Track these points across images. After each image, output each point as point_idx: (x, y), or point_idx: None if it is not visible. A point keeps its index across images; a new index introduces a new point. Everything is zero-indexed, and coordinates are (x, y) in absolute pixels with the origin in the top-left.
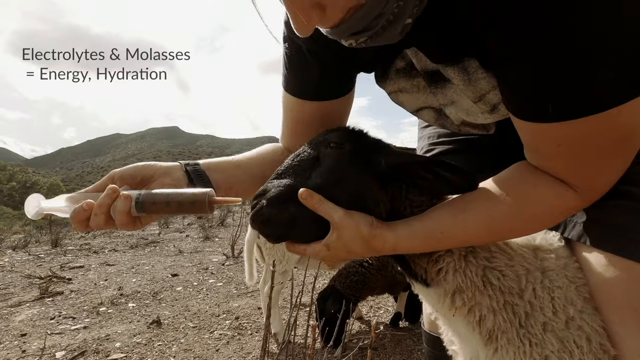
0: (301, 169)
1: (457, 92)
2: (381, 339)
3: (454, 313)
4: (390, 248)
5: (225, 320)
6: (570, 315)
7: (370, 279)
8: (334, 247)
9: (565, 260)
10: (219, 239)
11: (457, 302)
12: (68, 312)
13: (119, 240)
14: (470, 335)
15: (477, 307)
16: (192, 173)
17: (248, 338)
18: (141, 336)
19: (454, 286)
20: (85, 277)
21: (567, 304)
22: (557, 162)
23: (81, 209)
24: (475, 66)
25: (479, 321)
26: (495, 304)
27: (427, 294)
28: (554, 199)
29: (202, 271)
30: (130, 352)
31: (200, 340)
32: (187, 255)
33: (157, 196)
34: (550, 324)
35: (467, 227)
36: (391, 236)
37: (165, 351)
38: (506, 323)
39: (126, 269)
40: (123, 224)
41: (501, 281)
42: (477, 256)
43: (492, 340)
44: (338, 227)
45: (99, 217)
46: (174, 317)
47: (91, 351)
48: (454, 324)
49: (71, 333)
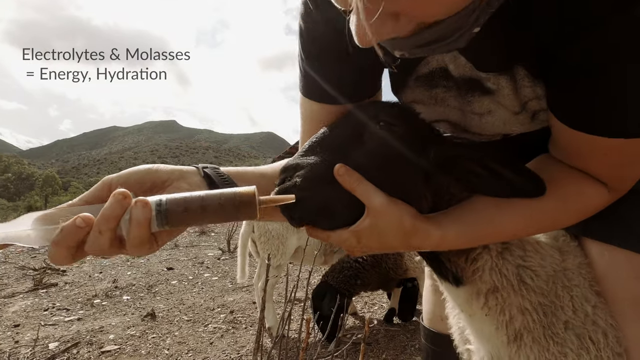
0: (340, 145)
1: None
2: (375, 335)
3: (487, 313)
4: (434, 244)
5: (220, 314)
6: (587, 312)
7: (364, 275)
8: (365, 236)
9: (580, 259)
10: (215, 233)
11: (490, 302)
12: (62, 304)
13: None
14: (494, 334)
15: (509, 307)
16: (214, 176)
17: (242, 332)
18: (135, 328)
19: (490, 285)
20: (79, 270)
21: (584, 302)
22: (598, 166)
23: (73, 228)
24: (522, 74)
25: (508, 321)
26: (528, 304)
27: (455, 293)
28: (594, 196)
29: (198, 265)
30: (123, 344)
31: (194, 334)
32: (182, 249)
33: (188, 200)
34: (571, 322)
35: (514, 220)
36: (437, 232)
37: (159, 344)
38: (535, 323)
39: (121, 262)
40: (139, 243)
41: (534, 281)
42: (513, 254)
43: (516, 339)
44: (376, 213)
45: (104, 236)
46: (169, 310)
47: (84, 342)
48: (478, 323)
49: (65, 324)
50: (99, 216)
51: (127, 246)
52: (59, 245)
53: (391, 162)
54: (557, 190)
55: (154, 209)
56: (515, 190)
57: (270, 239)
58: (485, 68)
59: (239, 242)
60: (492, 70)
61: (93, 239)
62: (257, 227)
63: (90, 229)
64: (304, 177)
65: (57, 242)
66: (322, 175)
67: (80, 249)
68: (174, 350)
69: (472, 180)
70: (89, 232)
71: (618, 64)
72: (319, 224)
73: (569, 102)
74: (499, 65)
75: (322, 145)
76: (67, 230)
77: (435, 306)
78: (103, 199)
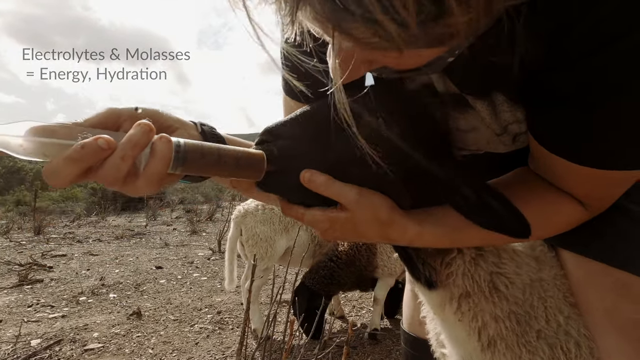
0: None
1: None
2: (361, 339)
3: (459, 318)
4: (409, 239)
5: (207, 314)
6: (560, 323)
7: (339, 274)
8: (340, 226)
9: (556, 270)
10: (206, 233)
11: (463, 307)
12: (47, 301)
13: (104, 231)
14: (467, 340)
15: (481, 313)
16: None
17: (229, 333)
18: (120, 327)
19: (462, 290)
20: (66, 266)
21: (557, 313)
22: (576, 187)
23: (96, 148)
24: (501, 99)
25: (482, 327)
26: (500, 312)
27: (429, 296)
28: (571, 213)
29: (187, 265)
30: (107, 342)
31: (180, 333)
32: (173, 248)
33: (206, 147)
34: (544, 332)
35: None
36: (414, 227)
37: (143, 342)
38: (508, 331)
39: (110, 259)
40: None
41: (509, 289)
42: (487, 260)
43: (490, 346)
44: (350, 208)
45: (126, 162)
46: (155, 309)
47: (67, 340)
48: (451, 327)
49: (48, 321)
50: (124, 141)
51: (140, 180)
52: (75, 162)
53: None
54: (535, 204)
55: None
56: (501, 227)
57: (258, 241)
58: (466, 90)
59: (227, 246)
60: (472, 94)
61: (113, 164)
62: (244, 230)
63: (111, 153)
64: (280, 149)
65: (75, 158)
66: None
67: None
68: (159, 350)
69: (457, 201)
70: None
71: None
72: (291, 198)
73: (550, 127)
74: (477, 89)
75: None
76: (89, 148)
77: (415, 311)
78: (107, 127)
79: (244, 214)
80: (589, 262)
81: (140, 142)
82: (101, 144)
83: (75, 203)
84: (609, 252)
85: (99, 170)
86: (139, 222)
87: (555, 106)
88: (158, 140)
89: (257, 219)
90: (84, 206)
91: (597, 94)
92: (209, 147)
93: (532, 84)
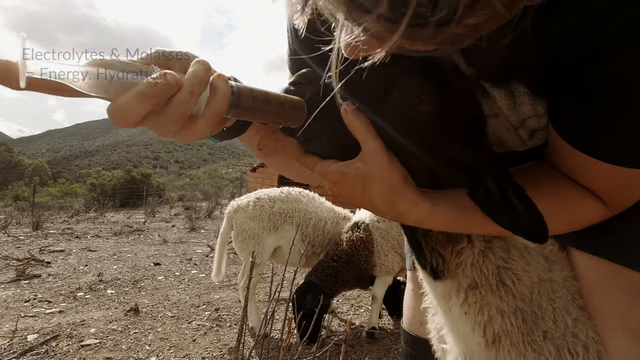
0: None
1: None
2: (359, 337)
3: (466, 310)
4: (418, 217)
5: (205, 311)
6: (568, 324)
7: (341, 273)
8: (350, 180)
9: (566, 271)
10: (205, 230)
11: (470, 299)
12: (44, 296)
13: (102, 227)
14: (471, 335)
15: (487, 307)
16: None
17: (226, 330)
18: (117, 323)
19: (470, 281)
20: (64, 262)
21: (565, 314)
22: (597, 184)
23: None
24: (522, 91)
25: (487, 322)
26: (506, 307)
27: (434, 287)
28: (592, 209)
29: (186, 262)
30: (104, 338)
31: (177, 330)
32: (171, 245)
33: (255, 90)
34: (550, 333)
35: None
36: (425, 204)
37: (140, 339)
38: (513, 328)
39: (108, 255)
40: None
41: (515, 285)
42: (495, 254)
43: (495, 342)
44: (368, 158)
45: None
46: (153, 305)
47: (64, 335)
48: (455, 321)
49: (45, 317)
50: (190, 77)
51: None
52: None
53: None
54: (554, 197)
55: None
56: (518, 227)
57: (246, 238)
58: (485, 75)
59: (218, 239)
60: (492, 80)
61: (182, 100)
62: (235, 226)
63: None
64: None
65: (147, 94)
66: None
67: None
68: (156, 346)
69: (478, 190)
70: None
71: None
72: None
73: (575, 121)
74: (497, 77)
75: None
76: (161, 84)
77: (415, 310)
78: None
79: (236, 209)
80: (601, 263)
81: (204, 78)
82: (170, 81)
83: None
84: (623, 252)
85: (165, 108)
86: (138, 218)
87: (581, 101)
88: (217, 78)
89: (247, 215)
90: (83, 202)
91: (627, 90)
92: (258, 90)
93: (558, 76)
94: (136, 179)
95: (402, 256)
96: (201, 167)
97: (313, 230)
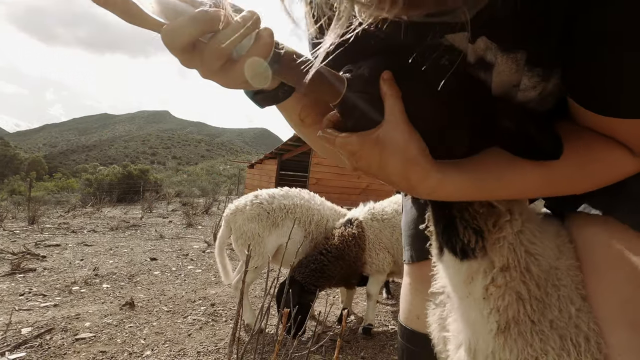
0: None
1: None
2: (354, 333)
3: (488, 294)
4: (429, 188)
5: (201, 306)
6: (571, 314)
7: (328, 267)
8: (369, 146)
9: (571, 261)
10: (202, 226)
11: (498, 280)
12: (39, 290)
13: (99, 222)
14: (483, 321)
15: (509, 292)
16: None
17: (222, 325)
18: (112, 317)
19: (504, 262)
20: (60, 256)
21: (569, 303)
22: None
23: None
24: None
25: (505, 308)
26: (526, 293)
27: (456, 269)
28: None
29: (182, 257)
30: (99, 332)
31: (172, 325)
32: (168, 240)
33: (299, 53)
34: (556, 322)
35: (526, 177)
36: (436, 175)
37: (135, 333)
38: (525, 316)
39: (104, 250)
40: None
41: (537, 270)
42: (526, 236)
43: (505, 330)
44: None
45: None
46: (149, 300)
47: (59, 329)
48: (469, 307)
49: (40, 310)
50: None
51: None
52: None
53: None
54: (581, 149)
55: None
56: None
57: (247, 240)
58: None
59: (216, 243)
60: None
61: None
62: (234, 229)
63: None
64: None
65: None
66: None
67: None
68: (151, 341)
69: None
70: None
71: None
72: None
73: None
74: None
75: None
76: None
77: (412, 305)
78: None
79: (234, 211)
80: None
81: (251, 24)
82: (220, 13)
83: (70, 194)
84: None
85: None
86: (135, 214)
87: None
88: (264, 29)
89: (245, 216)
90: (80, 197)
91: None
92: (300, 53)
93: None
94: (133, 175)
95: (393, 256)
96: (199, 163)
97: (316, 227)
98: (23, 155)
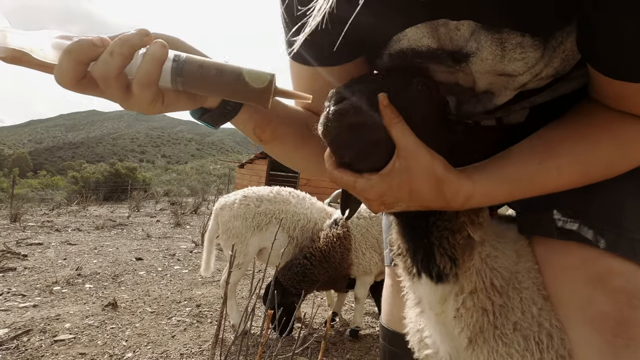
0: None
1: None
2: (341, 335)
3: (455, 315)
4: (464, 198)
5: (186, 307)
6: (534, 314)
7: (311, 271)
8: (395, 181)
9: (530, 263)
10: (190, 226)
11: (467, 303)
12: (18, 289)
13: (84, 220)
14: (454, 336)
15: (477, 309)
16: None
17: (207, 326)
18: (94, 318)
19: (473, 286)
20: (42, 255)
21: (531, 304)
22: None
23: (89, 43)
24: (515, 43)
25: (474, 323)
26: (490, 306)
27: (431, 290)
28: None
29: (169, 257)
30: (79, 333)
31: (156, 326)
32: (154, 240)
33: (206, 62)
34: (520, 324)
35: (561, 173)
36: (467, 184)
37: (117, 334)
38: (489, 324)
39: (88, 249)
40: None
41: (500, 281)
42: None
43: (471, 342)
44: (407, 154)
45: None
46: (132, 301)
47: (37, 330)
48: (443, 324)
49: (19, 311)
50: (115, 39)
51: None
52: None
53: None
54: (612, 132)
55: (172, 59)
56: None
57: (230, 237)
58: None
59: (206, 236)
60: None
61: (103, 59)
62: (221, 224)
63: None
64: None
65: (70, 50)
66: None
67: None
68: (133, 342)
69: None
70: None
71: None
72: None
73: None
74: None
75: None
76: (82, 42)
77: (394, 307)
78: None
79: (222, 206)
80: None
81: (129, 41)
82: (95, 41)
83: (55, 191)
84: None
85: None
86: (122, 212)
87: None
88: (153, 44)
89: (232, 213)
90: (65, 195)
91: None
92: (209, 61)
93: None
94: (121, 173)
95: (381, 256)
96: (189, 162)
97: (301, 232)
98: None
